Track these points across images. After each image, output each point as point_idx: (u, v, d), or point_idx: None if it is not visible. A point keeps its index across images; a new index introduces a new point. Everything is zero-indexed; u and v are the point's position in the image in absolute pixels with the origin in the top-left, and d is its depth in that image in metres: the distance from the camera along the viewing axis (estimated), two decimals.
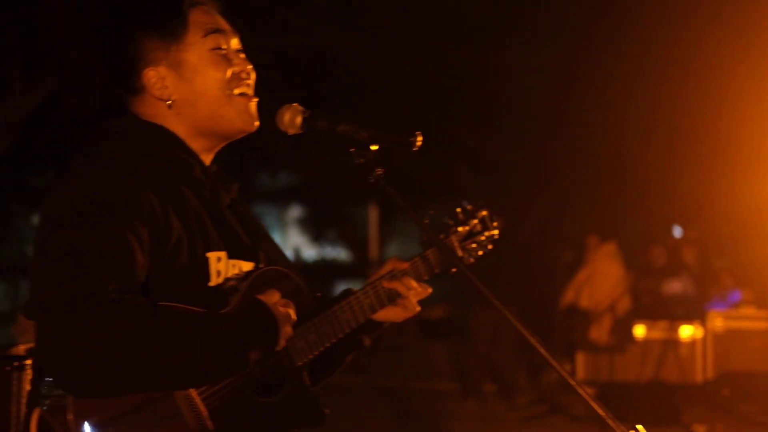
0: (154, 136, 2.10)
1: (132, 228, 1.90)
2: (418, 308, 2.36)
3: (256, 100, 2.20)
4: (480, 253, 2.51)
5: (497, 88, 15.24)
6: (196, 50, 2.13)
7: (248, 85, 2.19)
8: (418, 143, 2.17)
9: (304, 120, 2.19)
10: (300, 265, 19.08)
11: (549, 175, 16.19)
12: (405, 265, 2.34)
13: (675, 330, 10.23)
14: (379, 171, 2.14)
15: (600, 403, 1.98)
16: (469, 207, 2.52)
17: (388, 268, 2.34)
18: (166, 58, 2.11)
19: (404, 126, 2.30)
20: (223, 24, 2.19)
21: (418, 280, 2.35)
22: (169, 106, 2.11)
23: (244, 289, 2.04)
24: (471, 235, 2.49)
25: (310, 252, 24.88)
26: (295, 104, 2.21)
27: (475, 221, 2.51)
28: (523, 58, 14.55)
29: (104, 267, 1.85)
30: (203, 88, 2.13)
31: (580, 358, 10.30)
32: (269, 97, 2.27)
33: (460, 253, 2.45)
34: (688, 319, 10.34)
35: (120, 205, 1.92)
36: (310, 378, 2.19)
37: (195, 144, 2.15)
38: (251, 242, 2.17)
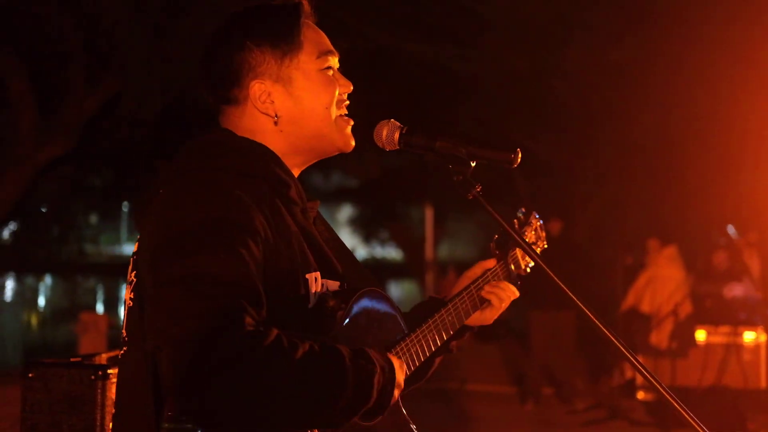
0: (256, 155, 2.05)
1: (251, 253, 1.87)
2: (505, 306, 2.45)
3: (352, 122, 2.19)
4: (532, 262, 2.57)
5: (552, 88, 15.16)
6: (308, 69, 2.10)
7: (347, 106, 2.19)
8: (518, 160, 2.14)
9: (402, 136, 2.17)
10: None
11: (603, 176, 16.07)
12: (492, 263, 2.46)
13: (738, 334, 10.06)
14: (479, 188, 2.11)
15: (683, 406, 1.93)
16: (521, 216, 2.58)
17: (477, 271, 2.43)
18: (276, 73, 2.07)
19: (497, 140, 2.29)
20: (329, 43, 2.17)
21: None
22: (275, 123, 2.08)
23: (350, 311, 2.03)
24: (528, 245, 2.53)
25: (361, 252, 24.92)
26: (392, 120, 2.19)
27: (531, 231, 2.60)
28: (578, 58, 14.46)
29: (237, 297, 1.79)
30: (311, 107, 2.10)
31: (641, 363, 10.17)
32: None
33: (522, 264, 2.54)
34: (751, 323, 10.17)
35: (239, 229, 1.87)
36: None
37: (290, 160, 2.12)
38: (336, 261, 2.15)
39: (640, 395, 10.05)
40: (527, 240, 2.56)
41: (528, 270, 2.56)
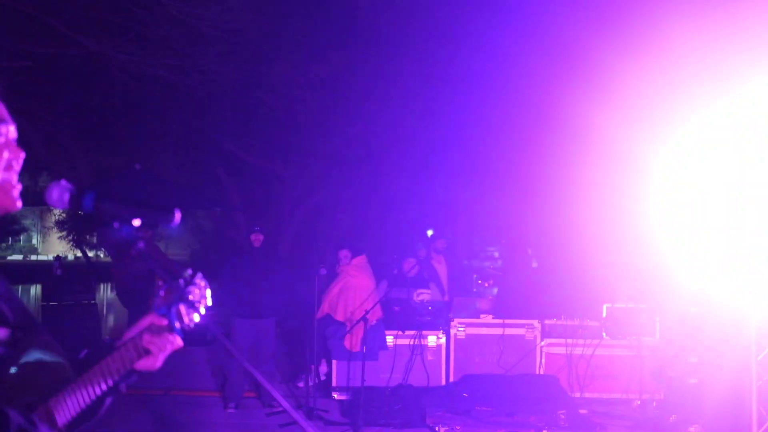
0: None
1: None
2: (166, 353, 2.64)
3: (19, 187, 2.43)
4: (197, 318, 2.72)
5: (261, 100, 15.58)
6: None
7: (16, 171, 2.43)
8: (177, 220, 2.47)
9: (72, 197, 2.43)
10: (66, 266, 18.70)
11: (310, 185, 16.71)
12: (163, 322, 2.61)
13: (423, 337, 10.99)
14: (141, 245, 2.45)
15: (295, 409, 2.42)
16: (188, 276, 2.73)
17: (146, 323, 2.62)
18: None
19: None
20: (3, 112, 2.41)
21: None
22: None
23: (18, 361, 2.29)
24: (192, 303, 2.71)
25: (71, 255, 24.25)
26: (63, 181, 2.45)
27: (197, 290, 2.73)
28: (286, 72, 14.98)
29: None
30: None
31: (336, 366, 10.86)
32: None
33: (186, 320, 2.65)
34: (435, 327, 11.12)
35: None
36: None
37: None
38: (6, 311, 2.39)
39: (335, 395, 10.74)
40: (192, 298, 2.70)
41: (192, 325, 2.66)
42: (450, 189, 15.91)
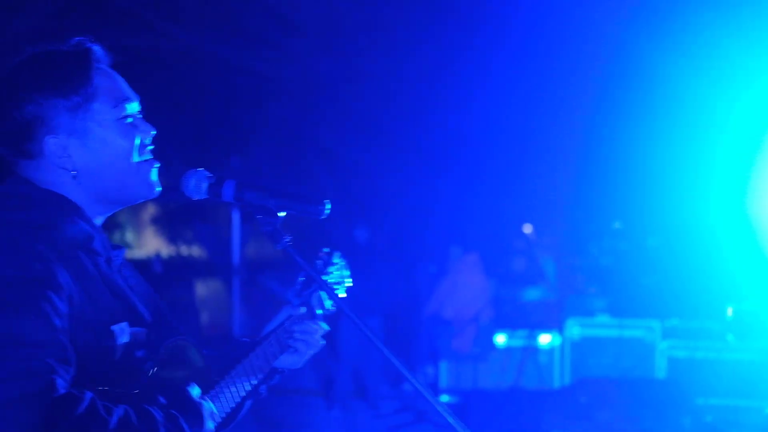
0: (55, 208, 2.01)
1: (56, 309, 1.84)
2: (314, 348, 2.50)
3: (157, 165, 2.16)
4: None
5: (357, 91, 15.38)
6: (104, 120, 2.06)
7: (150, 150, 2.16)
8: (327, 211, 2.18)
9: (210, 186, 2.17)
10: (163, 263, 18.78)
11: (407, 179, 16.40)
12: (297, 307, 2.50)
13: (534, 337, 10.52)
14: (288, 239, 2.15)
15: (450, 411, 2.16)
16: (326, 256, 2.65)
17: (284, 315, 2.47)
18: (70, 126, 2.02)
19: (309, 187, 2.33)
20: (126, 88, 2.13)
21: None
22: (74, 177, 2.03)
23: (158, 362, 2.02)
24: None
25: (164, 251, 24.35)
26: (201, 169, 2.18)
27: (336, 271, 2.68)
28: (384, 63, 14.74)
29: (44, 357, 1.77)
30: (110, 159, 2.07)
31: (444, 367, 10.48)
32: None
33: (328, 303, 2.62)
34: (547, 326, 10.64)
35: (41, 285, 1.84)
36: None
37: (93, 210, 2.09)
38: (142, 309, 2.14)
39: (444, 398, 10.34)
40: (331, 280, 2.63)
41: (333, 308, 2.59)
42: (553, 182, 15.41)
